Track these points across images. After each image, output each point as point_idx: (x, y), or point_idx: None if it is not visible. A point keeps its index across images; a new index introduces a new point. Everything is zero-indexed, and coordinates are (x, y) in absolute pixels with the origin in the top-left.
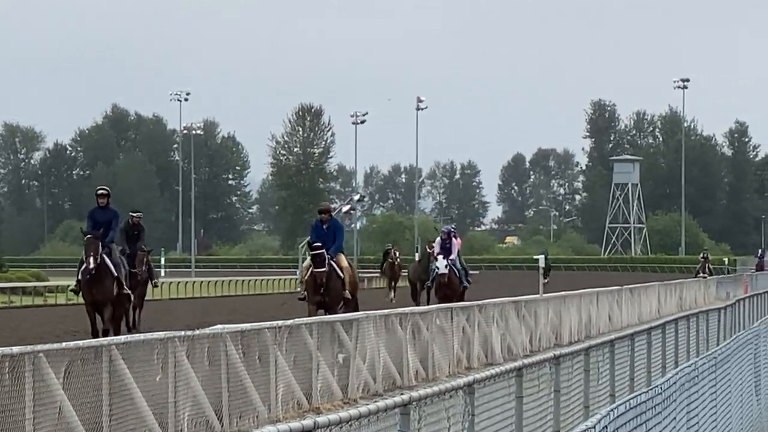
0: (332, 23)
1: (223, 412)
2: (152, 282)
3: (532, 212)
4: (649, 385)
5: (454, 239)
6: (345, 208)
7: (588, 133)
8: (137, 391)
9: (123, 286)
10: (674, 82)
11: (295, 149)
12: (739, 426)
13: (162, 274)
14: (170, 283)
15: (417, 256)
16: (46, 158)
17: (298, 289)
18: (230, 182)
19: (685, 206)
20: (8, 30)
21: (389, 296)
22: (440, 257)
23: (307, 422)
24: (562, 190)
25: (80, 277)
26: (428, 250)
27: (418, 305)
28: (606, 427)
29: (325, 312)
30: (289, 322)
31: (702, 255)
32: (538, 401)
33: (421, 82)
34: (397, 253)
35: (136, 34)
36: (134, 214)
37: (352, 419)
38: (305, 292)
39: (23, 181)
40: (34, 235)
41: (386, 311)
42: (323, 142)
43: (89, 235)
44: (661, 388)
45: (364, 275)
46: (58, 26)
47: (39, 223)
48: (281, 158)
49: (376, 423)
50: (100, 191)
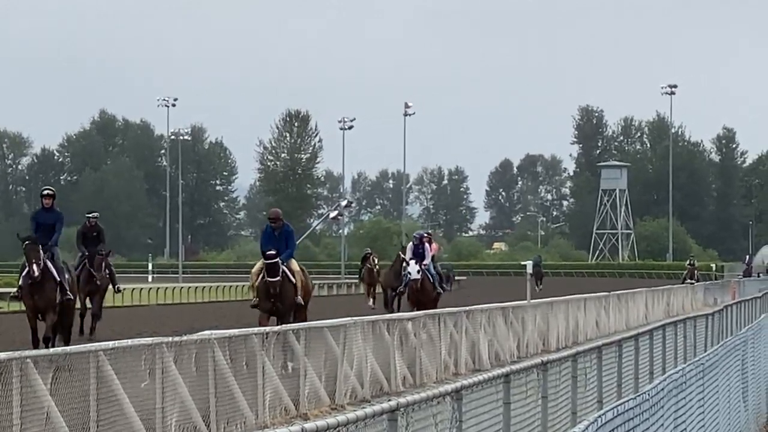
0: (320, 30)
1: (211, 418)
2: (114, 287)
3: (520, 218)
4: (636, 392)
5: (427, 244)
6: (333, 214)
7: (575, 139)
8: (125, 396)
9: (66, 291)
10: (662, 88)
11: (283, 155)
12: None
13: (149, 279)
14: (158, 288)
15: None
16: (33, 164)
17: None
18: (218, 188)
19: (673, 212)
20: None
21: (368, 302)
22: (412, 262)
23: (295, 428)
24: (549, 196)
25: (21, 283)
26: (401, 256)
27: (392, 312)
28: None
29: (277, 319)
30: (276, 328)
31: (689, 261)
32: (526, 407)
33: (408, 88)
34: (376, 260)
35: (123, 39)
36: (90, 215)
37: (340, 425)
38: (256, 299)
39: (10, 187)
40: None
41: (374, 317)
42: (311, 148)
43: (28, 242)
44: (648, 395)
45: (352, 281)
46: (46, 31)
47: (26, 229)
48: (269, 164)
49: (364, 429)
50: (45, 192)
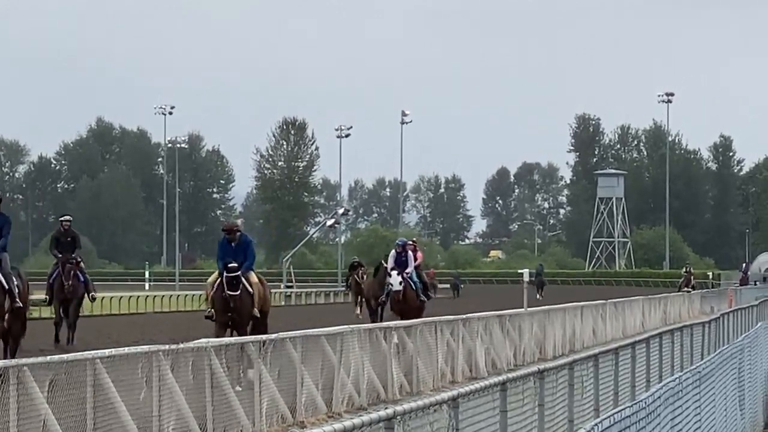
0: (317, 38)
1: (207, 426)
2: (89, 296)
3: (517, 226)
4: (633, 400)
5: (411, 252)
6: (329, 222)
7: (572, 147)
8: (121, 404)
9: (15, 299)
10: (659, 96)
11: (280, 163)
12: None
13: (146, 287)
14: (155, 296)
15: None
16: (30, 171)
17: (203, 308)
18: (215, 196)
19: (670, 220)
20: None
21: (356, 311)
22: (394, 273)
23: None
24: (546, 204)
25: None
26: (384, 265)
27: (375, 322)
28: None
29: (232, 331)
30: (273, 336)
31: (685, 269)
32: (523, 415)
33: (405, 97)
34: (365, 276)
35: (120, 47)
36: (63, 219)
37: None
38: (212, 311)
39: (7, 195)
40: (18, 249)
41: (371, 325)
42: (307, 156)
43: None
44: (645, 403)
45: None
46: (43, 40)
47: (23, 237)
48: (266, 172)
49: None
50: None
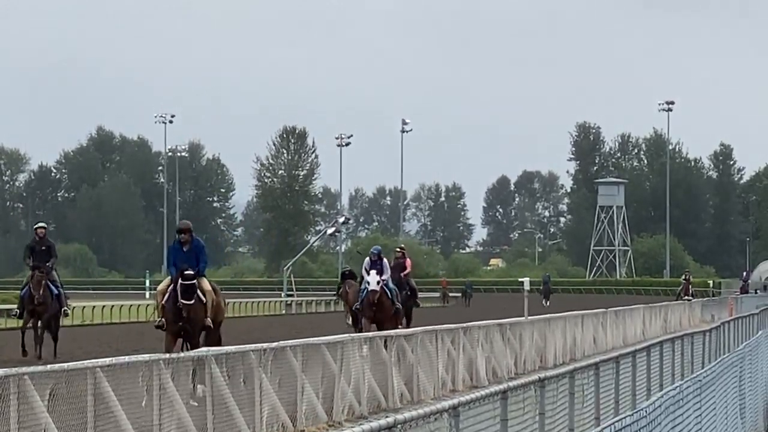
0: (317, 47)
1: None
2: (62, 311)
3: (517, 235)
4: (634, 408)
5: (386, 260)
6: (330, 230)
7: (573, 156)
8: (122, 413)
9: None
10: (659, 104)
11: (280, 171)
12: None
13: (147, 296)
14: (155, 305)
15: None
16: (30, 180)
17: (154, 318)
18: (215, 204)
19: (670, 228)
20: None
21: (347, 320)
22: (373, 272)
23: None
24: (546, 213)
25: None
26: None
27: (359, 330)
28: None
29: (184, 341)
30: (273, 344)
31: (683, 276)
32: (523, 424)
33: (405, 105)
34: (351, 281)
35: (120, 56)
36: (38, 227)
37: None
38: (163, 320)
39: (8, 203)
40: (19, 257)
41: (371, 334)
42: (308, 165)
43: None
44: (646, 411)
45: None
46: (43, 48)
47: (23, 246)
48: (266, 180)
49: None
50: None
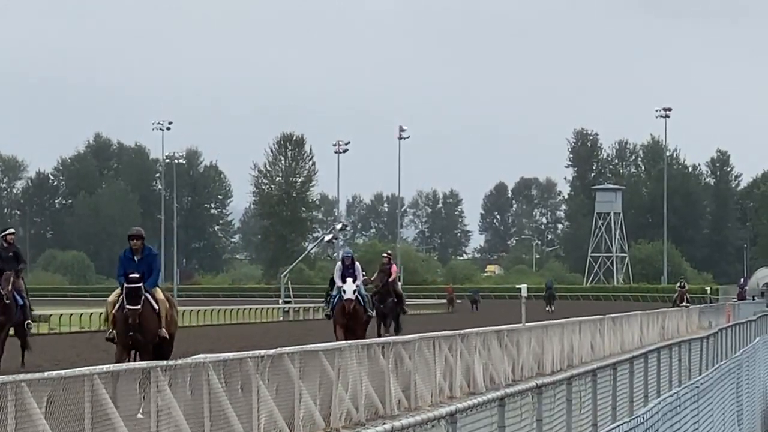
0: (315, 53)
1: None
2: (26, 324)
3: (515, 241)
4: (631, 415)
5: (358, 264)
6: (327, 237)
7: (570, 162)
8: (119, 420)
9: None
10: (656, 111)
11: (278, 178)
12: None
13: None
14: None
15: None
16: (28, 187)
17: (105, 328)
18: (213, 211)
19: (668, 235)
20: None
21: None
22: (349, 280)
23: None
24: (544, 219)
25: None
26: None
27: (339, 339)
28: None
29: (136, 354)
30: (271, 351)
31: (679, 284)
32: (521, 431)
33: (403, 112)
34: None
35: (118, 63)
36: (6, 233)
37: None
38: (112, 332)
39: (5, 210)
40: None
41: (368, 341)
42: (305, 171)
43: None
44: (643, 418)
45: None
46: (41, 56)
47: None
48: (263, 187)
49: None
50: None
